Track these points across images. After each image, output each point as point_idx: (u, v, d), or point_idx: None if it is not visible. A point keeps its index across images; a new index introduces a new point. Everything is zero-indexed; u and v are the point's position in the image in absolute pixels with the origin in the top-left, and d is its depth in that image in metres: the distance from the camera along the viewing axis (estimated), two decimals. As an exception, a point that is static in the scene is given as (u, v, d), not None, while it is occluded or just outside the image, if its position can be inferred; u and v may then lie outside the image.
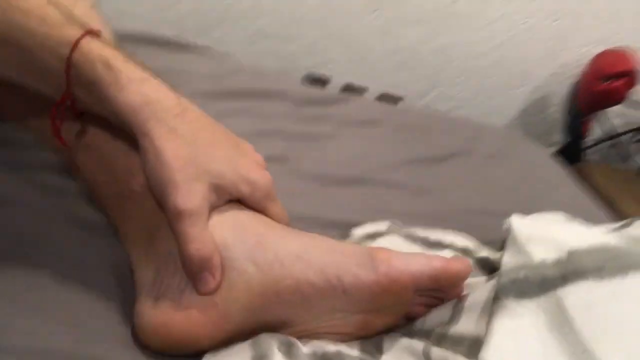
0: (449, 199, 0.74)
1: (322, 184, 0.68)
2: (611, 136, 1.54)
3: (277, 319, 0.40)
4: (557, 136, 1.61)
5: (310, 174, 0.69)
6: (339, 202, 0.66)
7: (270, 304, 0.38)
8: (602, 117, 1.49)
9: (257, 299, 0.38)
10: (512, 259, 0.45)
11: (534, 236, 0.47)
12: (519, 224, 0.50)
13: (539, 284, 0.41)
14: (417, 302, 0.42)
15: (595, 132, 1.54)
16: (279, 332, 0.40)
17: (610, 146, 1.57)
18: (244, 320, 0.39)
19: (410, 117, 0.93)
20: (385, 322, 0.42)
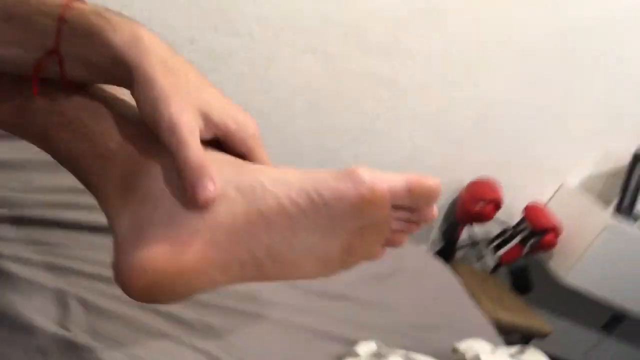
0: (395, 314, 0.96)
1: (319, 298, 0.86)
2: (474, 242, 1.95)
3: (264, 247, 0.38)
4: (435, 235, 1.98)
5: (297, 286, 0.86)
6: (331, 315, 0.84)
7: (255, 228, 0.38)
8: (469, 227, 1.90)
9: (241, 223, 0.37)
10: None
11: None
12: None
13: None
14: (395, 224, 0.42)
15: (463, 238, 1.93)
16: (269, 268, 0.39)
17: (471, 249, 1.99)
18: (231, 247, 0.38)
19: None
20: (368, 248, 0.42)
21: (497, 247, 1.92)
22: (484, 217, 1.73)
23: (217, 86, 0.43)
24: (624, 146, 1.90)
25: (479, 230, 1.95)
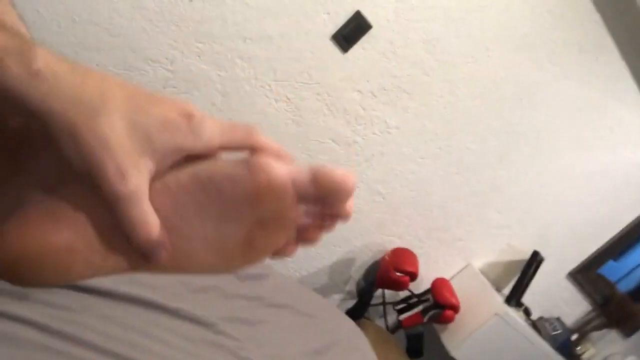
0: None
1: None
2: (382, 302, 2.09)
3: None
4: (350, 288, 2.09)
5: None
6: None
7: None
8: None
9: None
10: None
11: None
12: None
13: None
14: (305, 218, 0.38)
15: (374, 299, 2.06)
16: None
17: (377, 306, 2.13)
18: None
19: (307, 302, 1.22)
20: (271, 241, 0.38)
21: (401, 310, 2.08)
22: (399, 286, 1.87)
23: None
24: (524, 243, 2.16)
25: (388, 290, 2.10)
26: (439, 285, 2.04)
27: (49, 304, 0.63)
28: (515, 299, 2.07)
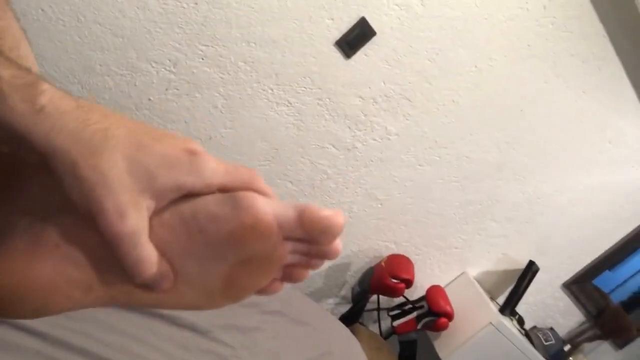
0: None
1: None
2: (377, 307, 2.10)
3: None
4: (345, 293, 2.10)
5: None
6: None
7: None
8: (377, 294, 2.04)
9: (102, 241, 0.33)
10: None
11: None
12: None
13: None
14: (291, 257, 0.37)
15: (369, 304, 2.07)
16: (139, 294, 0.35)
17: (372, 311, 2.13)
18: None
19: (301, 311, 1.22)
20: (255, 281, 0.37)
21: (395, 316, 2.08)
22: (395, 293, 1.88)
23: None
24: (520, 253, 2.16)
25: (383, 296, 2.10)
26: (434, 292, 2.05)
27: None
28: (509, 308, 2.08)
